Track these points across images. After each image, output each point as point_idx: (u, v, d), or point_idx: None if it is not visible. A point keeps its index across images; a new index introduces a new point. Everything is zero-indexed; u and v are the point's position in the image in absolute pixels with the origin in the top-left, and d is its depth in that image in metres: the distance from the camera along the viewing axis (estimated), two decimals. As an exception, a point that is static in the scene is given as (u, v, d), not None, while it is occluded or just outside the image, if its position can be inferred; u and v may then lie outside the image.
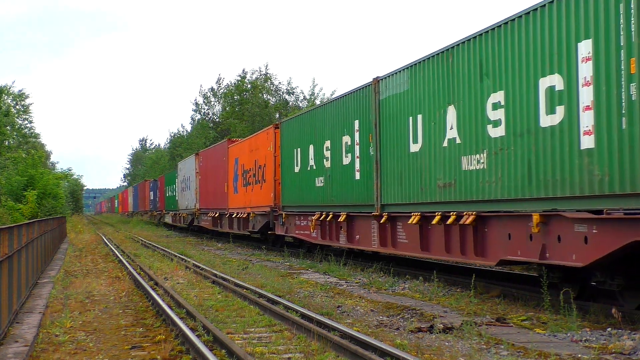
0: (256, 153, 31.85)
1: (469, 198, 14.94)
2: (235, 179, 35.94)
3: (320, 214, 23.54)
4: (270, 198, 29.01)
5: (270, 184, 29.18)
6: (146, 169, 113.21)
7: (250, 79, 67.69)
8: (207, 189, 43.40)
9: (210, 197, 42.33)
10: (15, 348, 10.82)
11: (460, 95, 15.28)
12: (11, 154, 57.69)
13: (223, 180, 38.66)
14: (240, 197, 34.77)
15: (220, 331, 11.28)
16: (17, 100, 67.88)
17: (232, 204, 36.50)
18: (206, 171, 44.04)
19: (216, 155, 41.41)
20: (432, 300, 15.09)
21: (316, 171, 24.07)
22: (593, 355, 9.73)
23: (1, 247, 11.78)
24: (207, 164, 43.94)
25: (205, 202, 43.77)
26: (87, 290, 17.98)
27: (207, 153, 45.32)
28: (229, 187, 37.28)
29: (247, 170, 33.53)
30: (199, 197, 45.56)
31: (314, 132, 24.41)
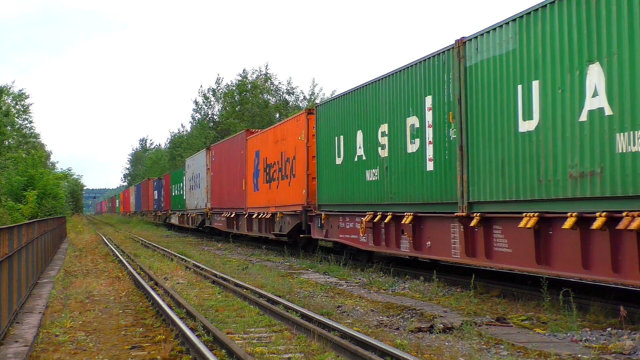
0: (283, 144, 27.99)
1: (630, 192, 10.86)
2: (256, 174, 32.19)
3: (372, 214, 19.39)
4: (302, 196, 25.44)
5: (301, 179, 25.63)
6: (146, 169, 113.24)
7: (250, 79, 67.73)
8: (220, 186, 39.46)
9: (224, 195, 38.49)
10: (15, 348, 10.82)
11: (613, 47, 11.17)
12: (11, 154, 57.73)
13: (240, 176, 34.82)
14: (262, 195, 30.95)
15: (220, 331, 11.28)
16: (17, 100, 67.91)
17: (252, 202, 32.74)
18: (220, 167, 39.91)
19: (232, 149, 37.27)
20: (432, 300, 15.09)
21: (367, 162, 19.93)
22: (593, 355, 9.73)
23: (1, 247, 11.78)
24: (221, 159, 39.70)
25: (219, 201, 39.83)
26: (87, 290, 17.98)
27: (221, 147, 40.70)
28: (248, 184, 33.45)
29: (270, 165, 29.79)
30: (210, 195, 41.75)
31: (363, 115, 20.26)
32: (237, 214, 35.42)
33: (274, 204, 28.81)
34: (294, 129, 26.54)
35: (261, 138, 31.81)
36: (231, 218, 36.72)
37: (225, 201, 37.98)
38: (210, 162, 42.05)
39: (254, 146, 32.86)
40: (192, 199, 47.70)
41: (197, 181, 45.68)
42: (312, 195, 24.64)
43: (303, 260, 24.94)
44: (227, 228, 37.90)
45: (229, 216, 36.84)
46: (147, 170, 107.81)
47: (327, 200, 23.12)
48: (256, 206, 31.75)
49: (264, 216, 30.01)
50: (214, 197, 40.87)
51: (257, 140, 32.55)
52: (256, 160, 32.23)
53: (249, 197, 33.14)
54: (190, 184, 48.29)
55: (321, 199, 23.64)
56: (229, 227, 37.36)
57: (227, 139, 40.66)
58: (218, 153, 40.71)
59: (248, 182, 33.37)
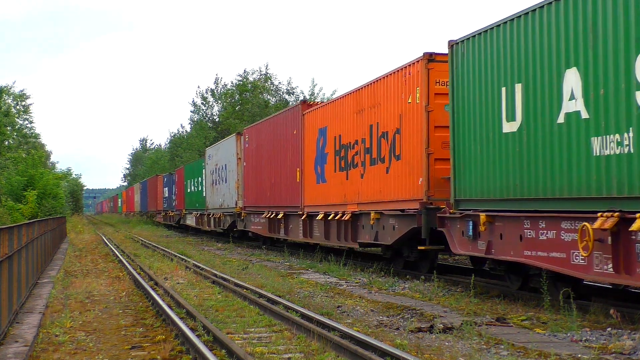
0: (372, 113, 20.17)
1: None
2: (320, 160, 24.45)
3: (611, 216, 11.07)
4: (418, 187, 17.48)
5: (415, 161, 17.73)
6: (146, 169, 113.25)
7: (250, 79, 67.73)
8: (258, 179, 31.77)
9: (264, 190, 30.72)
10: (15, 348, 10.82)
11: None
12: (11, 154, 57.76)
13: (292, 164, 27.24)
14: (333, 189, 23.11)
15: (220, 331, 11.28)
16: (17, 101, 67.92)
17: (312, 199, 25.07)
18: (257, 154, 32.14)
19: (278, 130, 29.21)
20: (432, 300, 15.09)
21: (593, 123, 11.56)
22: (593, 355, 9.73)
23: (1, 247, 11.78)
24: (260, 144, 31.81)
25: (256, 197, 32.12)
26: (87, 290, 17.98)
27: (259, 129, 32.62)
28: (305, 174, 25.80)
29: (347, 145, 21.98)
30: (243, 191, 34.31)
31: (583, 39, 11.73)
32: (288, 214, 27.52)
33: (357, 200, 21.16)
34: (396, 90, 18.83)
35: (330, 110, 23.99)
36: (276, 219, 28.67)
37: (267, 198, 30.33)
38: (243, 149, 34.61)
39: (315, 122, 24.97)
40: (215, 196, 40.44)
41: (222, 174, 38.64)
42: (437, 185, 17.18)
43: (303, 260, 24.95)
44: (269, 232, 29.94)
45: (273, 217, 28.95)
46: (147, 170, 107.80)
47: (481, 193, 14.82)
48: (320, 203, 24.12)
49: (339, 217, 22.07)
50: (249, 194, 33.48)
51: (321, 113, 24.63)
52: (321, 141, 24.37)
53: (308, 191, 25.57)
54: (213, 178, 40.97)
55: (464, 190, 15.45)
56: (273, 230, 29.43)
57: (270, 118, 32.13)
58: (254, 137, 32.85)
59: (306, 171, 25.79)
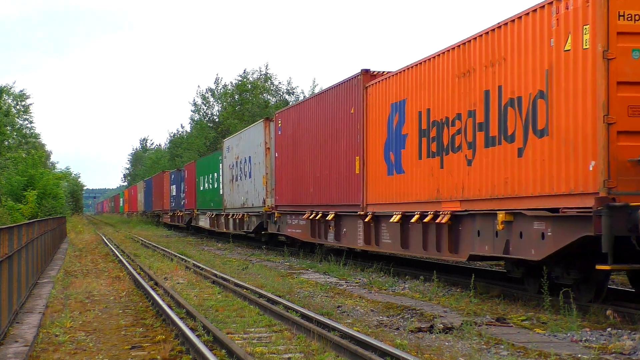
0: (488, 75, 14.60)
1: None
2: (395, 144, 18.72)
3: None
4: (588, 175, 11.99)
5: (579, 136, 12.22)
6: (146, 169, 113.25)
7: (250, 79, 67.73)
8: (296, 172, 26.50)
9: (305, 185, 25.48)
10: (15, 348, 10.82)
11: None
12: (11, 154, 57.78)
13: (347, 152, 21.82)
14: (416, 181, 17.70)
15: (220, 331, 11.28)
16: (17, 101, 67.93)
17: (378, 194, 19.74)
18: (294, 142, 26.66)
19: (325, 110, 23.68)
20: (432, 300, 15.09)
21: None
22: (593, 355, 9.73)
23: (1, 247, 11.78)
24: (298, 130, 26.36)
25: (292, 194, 26.89)
26: (87, 290, 17.98)
27: (296, 111, 27.09)
28: (370, 163, 20.36)
29: (440, 122, 16.56)
30: (274, 188, 29.31)
31: None
32: (340, 214, 22.44)
33: (459, 196, 15.88)
34: (539, 34, 13.25)
35: (410, 78, 17.97)
36: (323, 222, 23.74)
37: (308, 195, 25.14)
38: (274, 137, 29.52)
39: (386, 95, 19.27)
40: (235, 194, 36.00)
41: (245, 168, 34.17)
42: (622, 172, 11.76)
43: (303, 260, 24.94)
44: (311, 237, 25.15)
45: (319, 218, 23.91)
46: (147, 170, 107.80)
47: None
48: (393, 201, 18.80)
49: (428, 219, 16.75)
50: (282, 190, 28.21)
51: (396, 84, 18.74)
52: (395, 119, 18.69)
53: (373, 185, 20.15)
54: (233, 173, 36.70)
55: None
56: (317, 235, 24.60)
57: (310, 97, 26.95)
58: (290, 122, 27.32)
59: (370, 160, 20.41)
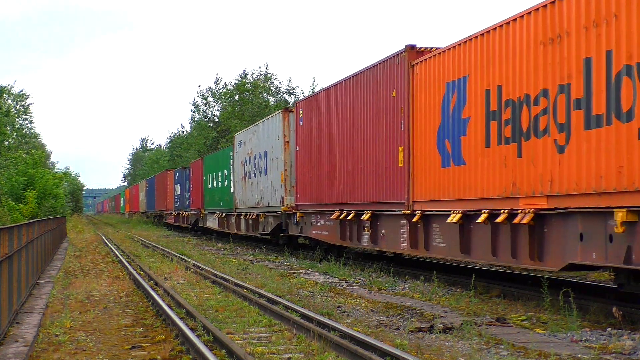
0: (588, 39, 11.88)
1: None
2: (452, 130, 16.04)
3: None
4: None
5: None
6: (146, 169, 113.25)
7: (250, 79, 67.74)
8: (322, 167, 23.93)
9: (333, 181, 22.91)
10: (15, 348, 10.82)
11: None
12: (11, 154, 57.82)
13: (387, 141, 18.95)
14: (482, 173, 14.89)
15: (220, 331, 11.28)
16: (17, 101, 67.95)
17: (429, 190, 16.97)
18: (320, 134, 24.09)
19: (359, 95, 20.87)
20: (432, 300, 15.09)
21: None
22: (593, 355, 9.73)
23: (1, 247, 11.78)
24: (324, 120, 23.81)
25: (317, 192, 24.31)
26: (87, 290, 17.98)
27: (322, 99, 24.23)
28: (417, 153, 17.53)
29: (517, 102, 13.69)
30: (293, 184, 26.98)
31: None
32: (378, 214, 19.73)
33: (545, 190, 12.94)
34: None
35: (473, 50, 15.26)
36: (356, 222, 21.05)
37: (337, 192, 22.50)
38: (293, 130, 27.04)
39: (439, 74, 16.67)
40: (249, 192, 33.54)
41: (259, 164, 31.63)
42: None
43: (303, 260, 24.94)
44: (340, 240, 22.41)
45: (351, 218, 21.14)
46: (147, 170, 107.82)
47: None
48: (449, 197, 16.12)
49: (501, 219, 13.99)
50: (304, 187, 25.65)
51: (453, 59, 16.05)
52: (453, 101, 16.11)
53: (422, 179, 17.31)
54: (246, 170, 34.37)
55: None
56: (347, 237, 21.82)
57: (340, 82, 22.52)
58: (313, 111, 24.82)
59: (418, 150, 17.56)
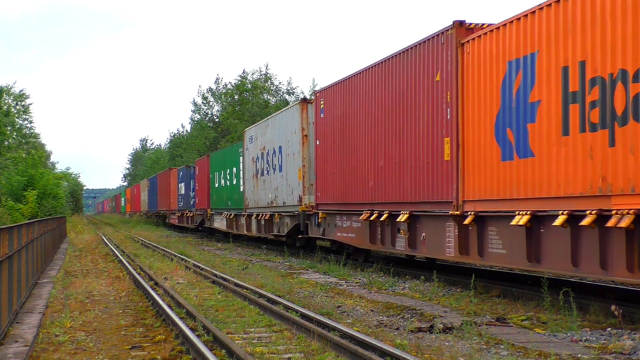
0: None
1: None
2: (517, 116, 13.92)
3: None
4: None
5: None
6: (146, 169, 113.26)
7: (250, 79, 67.74)
8: (346, 162, 21.78)
9: (361, 178, 20.63)
10: (15, 348, 10.82)
11: None
12: (11, 154, 57.80)
13: (429, 132, 16.85)
14: (556, 166, 12.77)
15: (220, 331, 11.28)
16: (17, 101, 67.93)
17: (481, 188, 15.04)
18: (344, 126, 21.96)
19: (392, 81, 18.65)
20: (432, 300, 15.09)
21: None
22: (593, 355, 9.74)
23: (1, 247, 11.78)
24: (349, 110, 21.52)
25: (342, 190, 22.10)
26: (87, 290, 17.98)
27: (349, 85, 21.59)
28: (469, 145, 15.47)
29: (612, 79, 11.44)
30: (312, 182, 25.08)
31: None
32: (417, 215, 17.48)
33: None
34: None
35: (544, 21, 13.14)
36: (389, 223, 18.93)
37: (366, 190, 20.25)
38: (313, 122, 24.94)
39: (502, 51, 14.42)
40: (261, 190, 31.46)
41: (273, 161, 29.50)
42: None
43: (303, 260, 24.95)
44: (370, 242, 20.24)
45: (384, 220, 18.95)
46: (147, 170, 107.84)
47: None
48: (513, 196, 13.94)
49: (589, 222, 11.77)
50: (326, 185, 23.49)
51: (516, 33, 13.93)
52: (516, 83, 13.98)
53: (475, 175, 15.20)
54: (257, 167, 32.28)
55: None
56: (378, 240, 19.75)
57: (371, 66, 19.93)
58: (338, 101, 22.44)
59: (469, 141, 15.41)
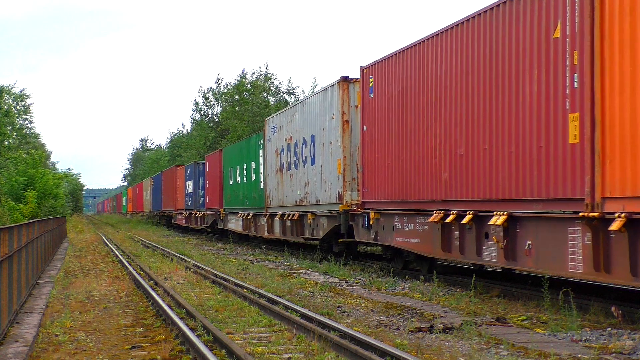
0: None
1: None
2: None
3: None
4: None
5: None
6: (146, 169, 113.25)
7: (250, 79, 67.71)
8: (405, 150, 17.91)
9: (424, 170, 17.02)
10: (15, 348, 10.82)
11: None
12: (11, 154, 57.78)
13: (539, 108, 12.85)
14: None
15: (220, 331, 11.28)
16: (18, 101, 67.93)
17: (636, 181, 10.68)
18: (402, 105, 18.03)
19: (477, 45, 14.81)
20: (432, 300, 15.09)
21: None
22: (593, 355, 9.73)
23: (1, 247, 11.78)
24: (411, 85, 17.64)
25: (399, 184, 18.21)
26: (87, 290, 17.98)
27: (410, 56, 17.74)
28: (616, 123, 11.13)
29: None
30: (354, 176, 21.55)
31: None
32: (519, 216, 13.60)
33: None
34: None
35: None
36: (477, 228, 14.93)
37: (437, 185, 16.44)
38: (355, 105, 21.62)
39: None
40: (287, 187, 27.71)
41: (304, 152, 25.58)
42: None
43: (303, 260, 24.95)
44: (442, 250, 16.23)
45: (461, 221, 15.19)
46: (147, 170, 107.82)
47: None
48: None
49: None
50: (377, 179, 19.53)
51: None
52: None
53: (623, 165, 11.01)
54: (283, 160, 28.26)
55: None
56: (450, 247, 15.94)
57: (444, 30, 16.20)
58: (395, 75, 18.45)
59: (614, 118, 11.18)
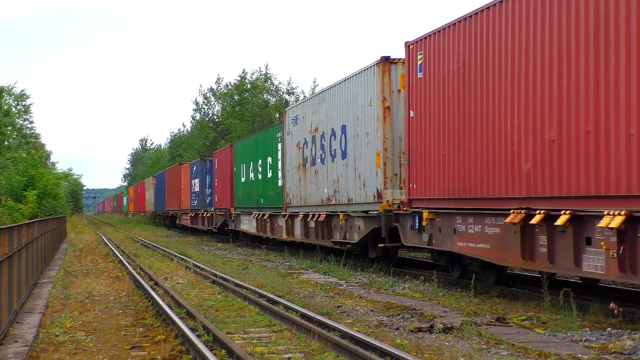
0: None
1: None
2: None
3: None
4: None
5: None
6: (146, 169, 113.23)
7: (250, 79, 67.70)
8: (466, 138, 15.20)
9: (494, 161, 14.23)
10: (15, 348, 10.82)
11: None
12: (11, 154, 57.76)
13: None
14: None
15: (220, 331, 11.28)
16: (18, 101, 67.88)
17: None
18: (462, 84, 15.28)
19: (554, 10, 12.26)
20: (432, 300, 15.09)
21: None
22: (593, 355, 9.73)
23: (1, 247, 11.78)
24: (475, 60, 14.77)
25: (457, 178, 15.53)
26: (87, 290, 17.98)
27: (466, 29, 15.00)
28: None
29: None
30: (395, 171, 19.24)
31: None
32: None
33: None
34: None
35: None
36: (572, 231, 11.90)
37: (513, 180, 13.63)
38: (397, 89, 19.32)
39: None
40: (312, 184, 25.16)
41: (332, 145, 23.09)
42: None
43: (303, 260, 24.95)
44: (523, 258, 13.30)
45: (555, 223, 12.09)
46: (147, 170, 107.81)
47: None
48: None
49: None
50: (429, 174, 16.89)
51: None
52: None
53: None
54: (306, 154, 25.80)
55: None
56: (533, 254, 13.03)
57: None
58: (451, 51, 15.77)
59: None
